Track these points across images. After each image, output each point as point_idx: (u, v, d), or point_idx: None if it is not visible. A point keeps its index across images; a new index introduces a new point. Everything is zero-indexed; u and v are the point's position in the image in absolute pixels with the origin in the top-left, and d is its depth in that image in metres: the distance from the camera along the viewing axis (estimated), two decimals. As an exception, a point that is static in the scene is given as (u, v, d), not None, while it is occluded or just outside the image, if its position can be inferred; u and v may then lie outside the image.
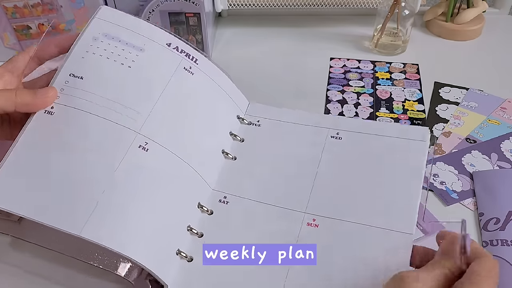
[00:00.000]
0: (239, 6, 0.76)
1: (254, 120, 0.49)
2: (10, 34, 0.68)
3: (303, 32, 0.79)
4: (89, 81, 0.41)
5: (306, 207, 0.42)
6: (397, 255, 0.37)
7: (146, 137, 0.41)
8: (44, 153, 0.38)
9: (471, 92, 0.64)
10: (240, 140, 0.48)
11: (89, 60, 0.42)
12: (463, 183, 0.51)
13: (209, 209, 0.43)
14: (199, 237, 0.41)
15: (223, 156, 0.46)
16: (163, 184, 0.41)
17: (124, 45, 0.43)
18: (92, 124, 0.39)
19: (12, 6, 0.64)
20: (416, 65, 0.71)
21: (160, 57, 0.44)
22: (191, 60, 0.46)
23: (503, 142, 0.56)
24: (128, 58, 0.43)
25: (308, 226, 0.41)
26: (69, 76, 0.41)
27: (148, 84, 0.43)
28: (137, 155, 0.40)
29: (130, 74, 0.42)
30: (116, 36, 0.43)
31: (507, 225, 0.45)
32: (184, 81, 0.45)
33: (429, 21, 0.78)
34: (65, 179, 0.37)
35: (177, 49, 0.46)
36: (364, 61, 0.72)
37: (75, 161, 0.38)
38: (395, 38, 0.72)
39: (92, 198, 0.37)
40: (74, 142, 0.39)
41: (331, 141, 0.46)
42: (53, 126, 0.39)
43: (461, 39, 0.76)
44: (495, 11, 0.82)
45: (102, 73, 0.42)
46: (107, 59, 0.42)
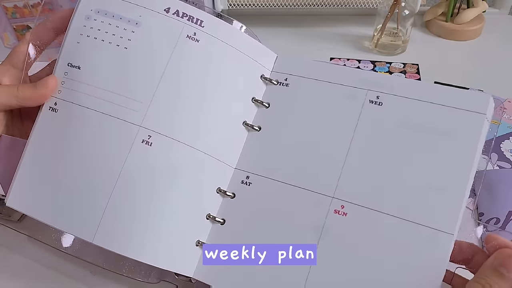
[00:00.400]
0: (239, 6, 0.76)
1: (281, 79, 0.42)
2: (10, 34, 0.68)
3: (303, 32, 0.79)
4: (86, 71, 0.39)
5: (335, 191, 0.37)
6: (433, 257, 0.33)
7: (149, 129, 0.38)
8: (51, 155, 0.38)
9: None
10: (266, 106, 0.41)
11: (84, 45, 0.39)
12: (463, 183, 0.51)
13: (230, 192, 0.40)
14: (221, 224, 0.39)
15: (245, 129, 0.41)
16: (172, 178, 0.38)
17: (118, 20, 0.39)
18: (92, 122, 0.38)
19: (12, 6, 0.64)
20: (416, 65, 0.71)
21: (158, 29, 0.40)
22: (195, 24, 0.40)
23: (503, 142, 0.56)
24: (124, 36, 0.39)
25: (336, 214, 0.36)
26: (67, 66, 0.39)
27: (146, 66, 0.39)
28: (141, 152, 0.38)
29: (127, 57, 0.39)
30: (109, 10, 0.39)
31: (507, 225, 0.45)
32: (188, 53, 0.40)
33: (429, 21, 0.78)
34: (72, 184, 0.37)
35: (177, 13, 0.40)
36: (364, 61, 0.72)
37: (79, 165, 0.37)
38: (395, 38, 0.72)
39: (99, 204, 0.36)
40: (77, 143, 0.38)
41: (369, 108, 0.38)
42: (57, 126, 0.38)
43: (461, 39, 0.76)
44: (495, 11, 0.82)
45: (98, 60, 0.39)
46: (102, 41, 0.39)
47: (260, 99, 0.42)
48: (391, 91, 0.38)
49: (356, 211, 0.35)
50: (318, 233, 0.36)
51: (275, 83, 0.42)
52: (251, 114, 0.41)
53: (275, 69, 0.43)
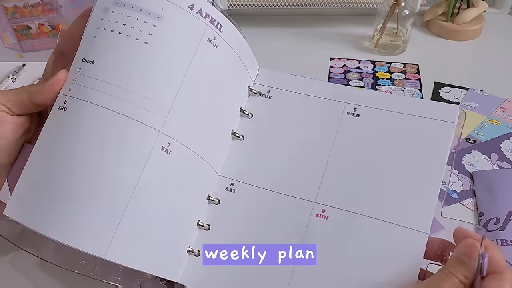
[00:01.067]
0: (239, 6, 0.76)
1: (264, 91, 0.43)
2: (10, 34, 0.68)
3: (303, 32, 0.79)
4: (100, 66, 0.34)
5: (316, 196, 0.38)
6: (409, 255, 0.34)
7: (169, 136, 0.35)
8: (56, 158, 0.33)
9: (471, 92, 0.64)
10: (249, 116, 0.42)
11: (100, 38, 0.35)
12: (463, 183, 0.51)
13: (215, 198, 0.40)
14: (206, 230, 0.39)
15: (231, 137, 0.42)
16: (179, 187, 0.37)
17: (138, 12, 0.35)
18: (106, 124, 0.33)
19: (12, 6, 0.64)
20: (416, 65, 0.71)
21: (181, 26, 0.36)
22: (215, 28, 0.38)
23: (503, 142, 0.56)
24: (144, 30, 0.35)
25: (317, 218, 0.38)
26: (82, 62, 0.34)
27: (168, 66, 0.35)
28: (159, 160, 0.34)
29: (147, 53, 0.35)
30: (128, 1, 0.35)
31: (507, 225, 0.45)
32: (207, 58, 0.38)
33: (429, 21, 0.78)
34: (79, 192, 0.32)
35: (201, 13, 0.37)
36: (364, 61, 0.72)
37: (90, 173, 0.33)
38: (395, 38, 0.72)
39: (113, 216, 0.33)
40: (88, 147, 0.33)
41: (347, 119, 0.40)
42: (65, 125, 0.34)
43: (461, 39, 0.76)
44: (495, 11, 0.82)
45: (115, 55, 0.34)
46: (119, 34, 0.35)
47: (245, 108, 0.43)
48: (368, 104, 0.40)
49: (336, 214, 0.37)
50: (301, 236, 0.37)
51: (258, 94, 0.43)
52: (237, 123, 0.42)
53: (258, 81, 0.44)
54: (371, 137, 0.39)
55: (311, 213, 0.38)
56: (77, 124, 0.33)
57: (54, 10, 0.66)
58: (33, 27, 0.67)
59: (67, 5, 0.65)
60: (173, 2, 0.36)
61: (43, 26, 0.67)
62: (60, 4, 0.65)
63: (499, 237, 0.44)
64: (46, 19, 0.66)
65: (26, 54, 0.70)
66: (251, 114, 0.43)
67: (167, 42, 0.36)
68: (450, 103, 0.62)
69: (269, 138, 0.42)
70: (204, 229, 0.39)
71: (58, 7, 0.65)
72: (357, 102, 0.41)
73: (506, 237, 0.44)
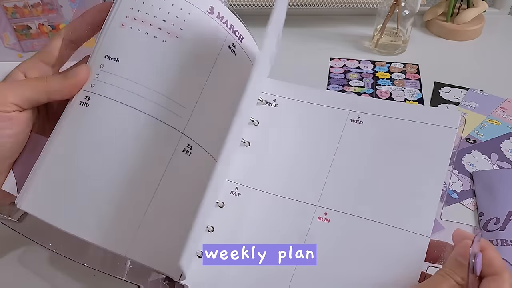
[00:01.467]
0: (239, 6, 0.76)
1: (270, 99, 0.44)
2: (10, 34, 0.68)
3: (303, 32, 0.79)
4: (126, 64, 0.34)
5: (319, 199, 0.39)
6: (410, 258, 0.35)
7: (190, 138, 0.35)
8: (78, 154, 0.33)
9: (471, 92, 0.64)
10: (255, 123, 0.43)
11: (126, 36, 0.35)
12: (463, 183, 0.51)
13: (220, 201, 0.40)
14: (210, 231, 0.40)
15: (239, 143, 0.42)
16: (196, 189, 0.37)
17: (166, 14, 0.36)
18: (131, 122, 0.33)
19: (12, 6, 0.64)
20: (416, 65, 0.71)
21: (206, 33, 0.37)
22: (235, 37, 0.39)
23: (503, 142, 0.56)
24: (171, 32, 0.35)
25: (319, 221, 0.38)
26: (105, 58, 0.34)
27: (192, 70, 0.36)
28: (181, 161, 0.34)
29: (173, 56, 0.35)
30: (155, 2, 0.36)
31: (507, 225, 0.45)
32: (227, 64, 0.38)
33: (429, 21, 0.78)
34: (102, 191, 0.32)
35: (220, 18, 0.38)
36: (364, 61, 0.72)
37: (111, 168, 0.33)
38: (395, 38, 0.72)
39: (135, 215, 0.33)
40: (111, 144, 0.33)
41: (351, 126, 0.41)
42: (88, 122, 0.33)
43: (461, 39, 0.76)
44: (495, 11, 0.82)
45: (141, 54, 0.35)
46: (145, 34, 0.35)
47: (253, 116, 0.43)
48: (371, 112, 0.41)
49: (339, 217, 0.38)
50: (303, 238, 0.38)
51: (264, 103, 0.44)
52: (246, 131, 0.43)
53: (264, 90, 0.45)
54: (374, 143, 0.40)
55: (313, 216, 0.38)
56: (100, 122, 0.33)
57: (54, 10, 0.66)
58: (33, 27, 0.67)
59: (67, 5, 0.65)
60: (196, 6, 0.37)
61: (43, 26, 0.67)
62: (60, 4, 0.65)
63: (499, 237, 0.44)
64: (46, 19, 0.66)
65: (26, 54, 0.70)
66: (257, 122, 0.43)
67: (192, 45, 0.36)
68: (451, 103, 0.62)
69: (274, 144, 0.42)
70: (208, 231, 0.40)
71: (58, 7, 0.65)
72: (360, 110, 0.41)
73: (506, 237, 0.44)
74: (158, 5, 0.35)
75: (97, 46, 0.35)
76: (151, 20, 0.35)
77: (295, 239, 0.38)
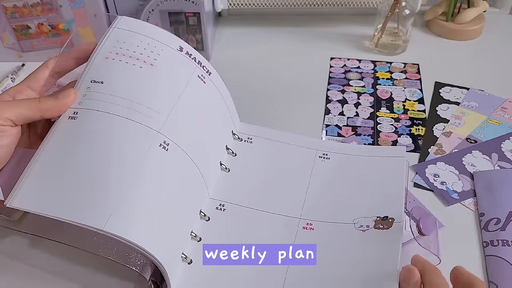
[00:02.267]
0: (239, 5, 0.76)
1: (245, 137, 0.51)
2: (9, 33, 0.67)
3: (303, 32, 0.79)
4: (110, 84, 0.41)
5: (301, 214, 0.44)
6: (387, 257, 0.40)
7: (166, 137, 0.41)
8: (70, 155, 0.38)
9: (472, 92, 0.64)
10: (233, 154, 0.49)
11: (108, 65, 0.42)
12: (464, 183, 0.51)
13: (207, 215, 0.44)
14: (198, 241, 0.42)
15: (219, 167, 0.48)
16: (178, 185, 0.41)
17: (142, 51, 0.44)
18: (114, 125, 0.39)
19: (11, 5, 0.64)
20: (416, 65, 0.70)
21: (176, 64, 0.45)
22: (204, 70, 0.47)
23: (503, 142, 0.56)
24: (147, 62, 0.43)
25: (304, 230, 0.43)
26: (91, 82, 0.41)
27: (167, 86, 0.43)
28: (158, 154, 0.40)
29: (149, 78, 0.43)
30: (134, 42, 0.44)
31: (508, 225, 0.45)
32: (198, 88, 0.46)
33: (430, 21, 0.78)
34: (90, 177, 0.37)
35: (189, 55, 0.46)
36: (364, 61, 0.72)
37: (99, 160, 0.38)
38: (395, 38, 0.72)
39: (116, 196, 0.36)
40: (98, 142, 0.38)
41: (320, 161, 0.50)
42: (77, 130, 0.39)
43: (461, 39, 0.76)
44: (495, 11, 0.82)
45: (122, 76, 0.42)
46: (126, 63, 0.42)
47: (230, 147, 0.49)
48: (335, 151, 0.50)
49: (321, 225, 0.43)
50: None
51: (240, 140, 0.51)
52: (224, 157, 0.49)
53: (239, 130, 0.52)
54: (340, 172, 0.48)
55: (298, 226, 0.44)
56: (87, 128, 0.39)
57: (54, 10, 0.65)
58: (33, 27, 0.67)
59: (67, 5, 0.65)
60: (167, 45, 0.45)
61: (43, 26, 0.67)
62: (59, 3, 0.65)
63: (499, 237, 0.44)
64: (46, 19, 0.66)
65: (26, 54, 0.70)
66: (235, 153, 0.49)
67: (166, 71, 0.44)
68: (451, 103, 0.62)
69: (252, 173, 0.48)
70: (196, 240, 0.42)
71: (58, 6, 0.65)
72: (326, 150, 0.50)
73: (507, 237, 0.44)
74: (136, 44, 0.44)
75: (84, 74, 0.42)
76: (130, 54, 0.43)
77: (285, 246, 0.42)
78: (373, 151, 0.50)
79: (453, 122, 0.59)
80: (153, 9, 0.65)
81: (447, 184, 0.51)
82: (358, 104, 0.63)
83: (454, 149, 0.55)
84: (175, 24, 0.67)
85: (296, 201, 0.45)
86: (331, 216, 0.44)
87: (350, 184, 0.47)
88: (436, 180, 0.51)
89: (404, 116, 0.61)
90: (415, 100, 0.64)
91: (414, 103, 0.63)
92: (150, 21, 0.65)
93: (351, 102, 0.63)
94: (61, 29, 0.67)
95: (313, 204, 0.45)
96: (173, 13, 0.65)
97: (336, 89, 0.66)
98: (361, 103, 0.63)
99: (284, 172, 0.48)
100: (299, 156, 0.50)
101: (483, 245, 0.45)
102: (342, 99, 0.64)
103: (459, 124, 0.59)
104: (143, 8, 0.64)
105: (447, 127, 0.59)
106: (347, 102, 0.63)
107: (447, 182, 0.51)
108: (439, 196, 0.50)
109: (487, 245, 0.44)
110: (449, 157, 0.54)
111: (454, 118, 0.60)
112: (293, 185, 0.47)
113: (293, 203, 0.45)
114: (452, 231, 0.46)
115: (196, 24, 0.67)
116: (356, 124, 0.60)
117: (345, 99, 0.64)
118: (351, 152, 0.50)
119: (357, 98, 0.64)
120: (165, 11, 0.65)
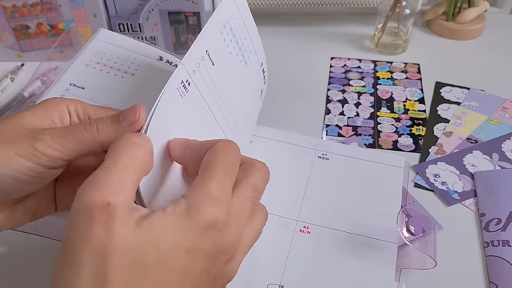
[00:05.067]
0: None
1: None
2: (9, 33, 0.67)
3: (303, 31, 0.79)
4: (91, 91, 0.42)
5: (298, 216, 0.46)
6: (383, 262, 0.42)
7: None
8: None
9: (472, 92, 0.64)
10: None
11: (89, 72, 0.43)
12: (464, 183, 0.51)
13: None
14: None
15: None
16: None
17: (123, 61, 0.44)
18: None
19: (11, 5, 0.64)
20: (417, 65, 0.70)
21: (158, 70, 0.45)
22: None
23: (504, 142, 0.56)
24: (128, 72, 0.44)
25: (301, 233, 0.44)
26: (70, 85, 0.42)
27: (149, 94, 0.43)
28: None
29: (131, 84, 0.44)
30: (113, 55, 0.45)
31: (508, 226, 0.45)
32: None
33: (430, 21, 0.78)
34: None
35: (170, 63, 0.46)
36: (364, 60, 0.72)
37: None
38: (396, 38, 0.72)
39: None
40: None
41: (319, 161, 0.51)
42: None
43: (462, 39, 0.76)
44: (496, 11, 0.82)
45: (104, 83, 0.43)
46: (107, 73, 0.44)
47: None
48: (334, 152, 0.52)
49: (318, 229, 0.45)
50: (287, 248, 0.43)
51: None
52: None
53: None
54: (338, 173, 0.50)
55: (295, 228, 0.45)
56: None
57: (53, 10, 0.65)
58: (32, 27, 0.67)
59: (66, 5, 0.65)
60: (147, 56, 0.45)
61: (42, 26, 0.67)
62: (59, 3, 0.64)
63: (500, 237, 0.44)
64: (45, 19, 0.66)
65: (25, 54, 0.70)
66: None
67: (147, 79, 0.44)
68: (452, 103, 0.62)
69: None
70: None
71: (57, 6, 0.65)
72: (326, 150, 0.52)
73: (508, 237, 0.44)
74: (117, 56, 0.45)
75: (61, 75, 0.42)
76: (111, 64, 0.44)
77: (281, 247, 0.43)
78: (372, 156, 0.51)
79: (454, 122, 0.59)
80: (152, 9, 0.64)
81: (448, 184, 0.51)
82: (359, 104, 0.63)
83: (455, 149, 0.55)
84: (175, 23, 0.66)
85: (294, 202, 0.46)
86: (328, 221, 0.45)
87: (347, 187, 0.48)
88: (436, 180, 0.51)
89: (405, 116, 0.61)
90: (415, 100, 0.63)
91: (414, 103, 0.63)
92: (150, 21, 0.65)
93: (352, 102, 0.63)
94: (60, 28, 0.67)
95: (310, 206, 0.46)
96: (173, 12, 0.65)
97: (336, 89, 0.66)
98: (362, 103, 0.63)
99: (284, 172, 0.49)
100: (298, 155, 0.51)
101: (484, 245, 0.45)
102: (343, 99, 0.64)
103: (460, 124, 0.59)
104: (142, 7, 0.64)
105: (447, 127, 0.59)
106: (348, 102, 0.63)
107: (447, 182, 0.51)
108: (440, 197, 0.50)
109: (488, 246, 0.44)
110: (450, 157, 0.54)
111: (455, 118, 0.60)
112: (291, 185, 0.48)
113: (291, 204, 0.46)
114: (452, 232, 0.46)
115: (196, 24, 0.66)
116: (356, 124, 0.60)
117: (346, 99, 0.64)
118: (350, 154, 0.52)
119: (358, 98, 0.64)
120: (165, 10, 0.65)
